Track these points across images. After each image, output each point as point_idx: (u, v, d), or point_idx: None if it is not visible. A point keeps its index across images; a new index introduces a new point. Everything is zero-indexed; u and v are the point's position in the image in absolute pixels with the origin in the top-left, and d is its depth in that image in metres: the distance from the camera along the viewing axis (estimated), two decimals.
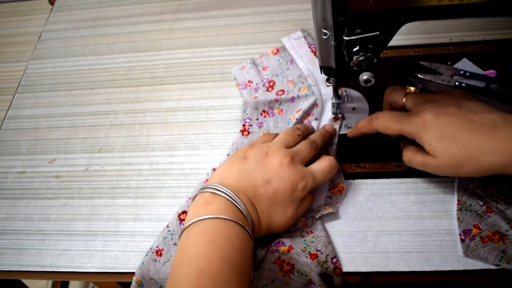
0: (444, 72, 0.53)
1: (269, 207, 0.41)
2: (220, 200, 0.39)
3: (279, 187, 0.41)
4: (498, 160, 0.37)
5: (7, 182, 0.54)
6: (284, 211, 0.42)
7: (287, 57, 0.60)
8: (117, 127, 0.57)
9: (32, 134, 0.58)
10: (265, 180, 0.42)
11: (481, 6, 0.36)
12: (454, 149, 0.38)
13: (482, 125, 0.38)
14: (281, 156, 0.43)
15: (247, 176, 0.42)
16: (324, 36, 0.39)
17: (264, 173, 0.42)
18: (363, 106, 0.53)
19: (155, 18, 0.67)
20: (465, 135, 0.38)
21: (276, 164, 0.42)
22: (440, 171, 0.41)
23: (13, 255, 0.48)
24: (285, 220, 0.42)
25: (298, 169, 0.43)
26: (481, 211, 0.43)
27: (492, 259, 0.40)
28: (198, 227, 0.37)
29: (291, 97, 0.55)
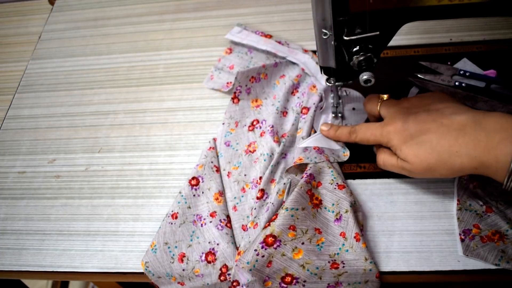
0: (444, 72, 0.53)
1: None
2: None
3: None
4: (468, 162, 0.37)
5: (7, 182, 0.54)
6: None
7: (243, 50, 0.61)
8: (117, 127, 0.57)
9: (32, 134, 0.58)
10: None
11: (481, 6, 0.36)
12: (424, 154, 0.39)
13: (450, 128, 0.39)
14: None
15: None
16: (324, 36, 0.39)
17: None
18: (363, 106, 0.53)
19: (155, 18, 0.67)
20: (434, 139, 0.39)
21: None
22: (414, 174, 0.42)
23: (13, 255, 0.48)
24: None
25: None
26: (481, 211, 0.43)
27: (492, 259, 0.40)
28: None
29: (274, 62, 0.57)
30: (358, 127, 0.46)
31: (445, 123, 0.39)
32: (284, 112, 0.54)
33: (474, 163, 0.37)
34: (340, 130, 0.48)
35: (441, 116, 0.40)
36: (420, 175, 0.41)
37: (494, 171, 0.37)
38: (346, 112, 0.53)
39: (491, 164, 0.36)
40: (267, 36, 0.61)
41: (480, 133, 0.37)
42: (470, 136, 0.37)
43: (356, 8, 0.36)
